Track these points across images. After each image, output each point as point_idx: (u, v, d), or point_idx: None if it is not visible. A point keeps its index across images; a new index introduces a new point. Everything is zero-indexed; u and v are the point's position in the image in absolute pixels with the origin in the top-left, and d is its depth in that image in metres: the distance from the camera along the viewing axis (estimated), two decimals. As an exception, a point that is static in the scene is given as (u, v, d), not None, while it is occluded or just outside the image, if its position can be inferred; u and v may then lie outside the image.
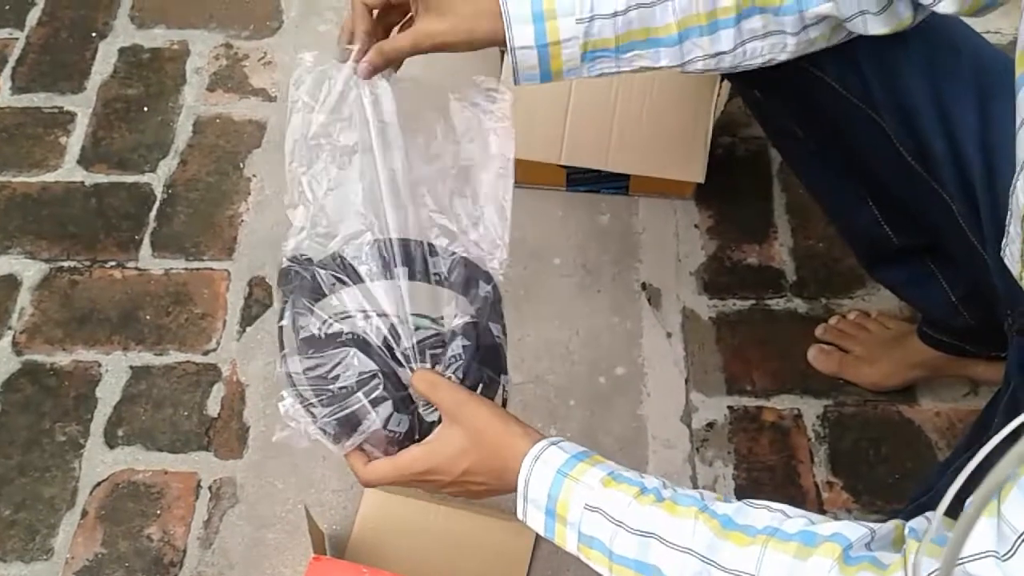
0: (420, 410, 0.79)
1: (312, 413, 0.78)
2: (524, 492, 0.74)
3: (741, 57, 0.86)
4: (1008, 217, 0.70)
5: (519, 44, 0.82)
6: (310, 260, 0.81)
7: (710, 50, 0.84)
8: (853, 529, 0.65)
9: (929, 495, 0.91)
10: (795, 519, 0.67)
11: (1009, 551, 0.52)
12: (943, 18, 0.83)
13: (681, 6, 0.82)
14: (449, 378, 0.79)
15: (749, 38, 0.84)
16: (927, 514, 0.65)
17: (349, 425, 0.78)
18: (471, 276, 0.83)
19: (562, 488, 0.72)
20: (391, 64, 0.84)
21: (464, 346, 0.80)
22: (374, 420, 0.77)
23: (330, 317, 0.78)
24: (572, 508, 0.71)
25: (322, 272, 0.80)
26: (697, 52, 0.85)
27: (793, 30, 0.84)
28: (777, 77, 0.91)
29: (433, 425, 0.79)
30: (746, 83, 1.08)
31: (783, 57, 0.87)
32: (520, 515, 0.76)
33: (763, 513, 0.68)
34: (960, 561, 0.54)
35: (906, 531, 0.65)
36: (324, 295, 0.79)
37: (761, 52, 0.86)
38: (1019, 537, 0.52)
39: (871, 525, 0.66)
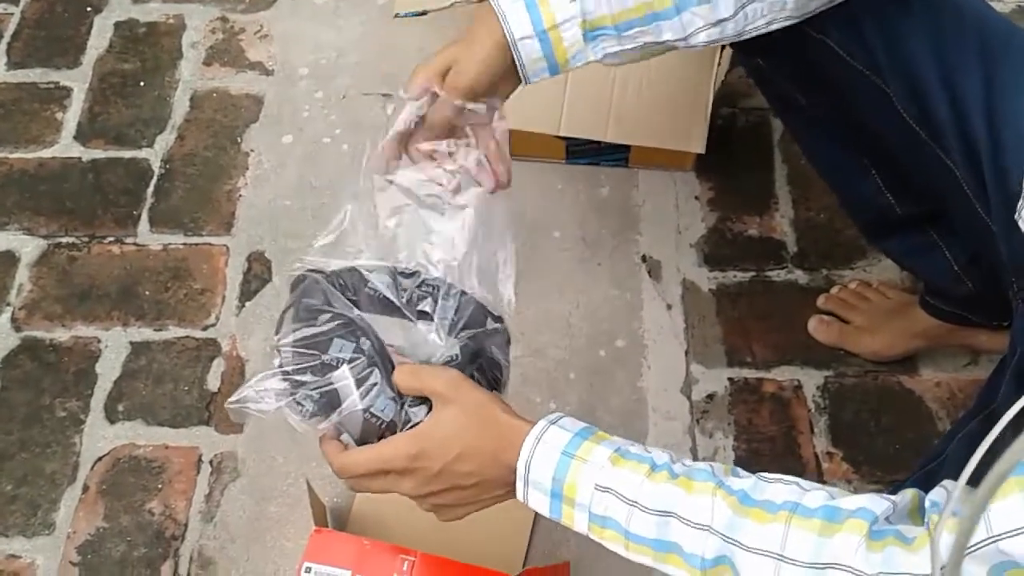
0: (407, 405, 0.75)
1: (294, 382, 0.74)
2: (524, 475, 0.72)
3: (743, 22, 0.84)
4: (1022, 178, 0.69)
5: (519, 34, 0.81)
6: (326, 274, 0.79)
7: (711, 18, 0.83)
8: (877, 503, 0.64)
9: (938, 461, 0.90)
10: (813, 492, 0.65)
11: None
12: None
13: None
14: None
15: (748, 0, 0.83)
16: (945, 483, 0.64)
17: (329, 403, 0.74)
18: (482, 314, 0.81)
19: (569, 469, 0.70)
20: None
21: (463, 348, 0.78)
22: (356, 401, 0.73)
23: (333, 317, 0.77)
24: (581, 489, 0.70)
25: (335, 285, 0.78)
26: (698, 22, 0.83)
27: None
28: (779, 43, 0.90)
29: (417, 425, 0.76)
30: (748, 51, 1.07)
31: (783, 17, 0.85)
32: (520, 497, 0.73)
33: (779, 487, 0.67)
34: (995, 538, 0.54)
35: (927, 504, 0.63)
36: (331, 307, 0.77)
37: (762, 13, 0.84)
38: None
39: (892, 497, 0.65)
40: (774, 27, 0.86)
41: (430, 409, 0.75)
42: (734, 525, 0.65)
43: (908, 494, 0.66)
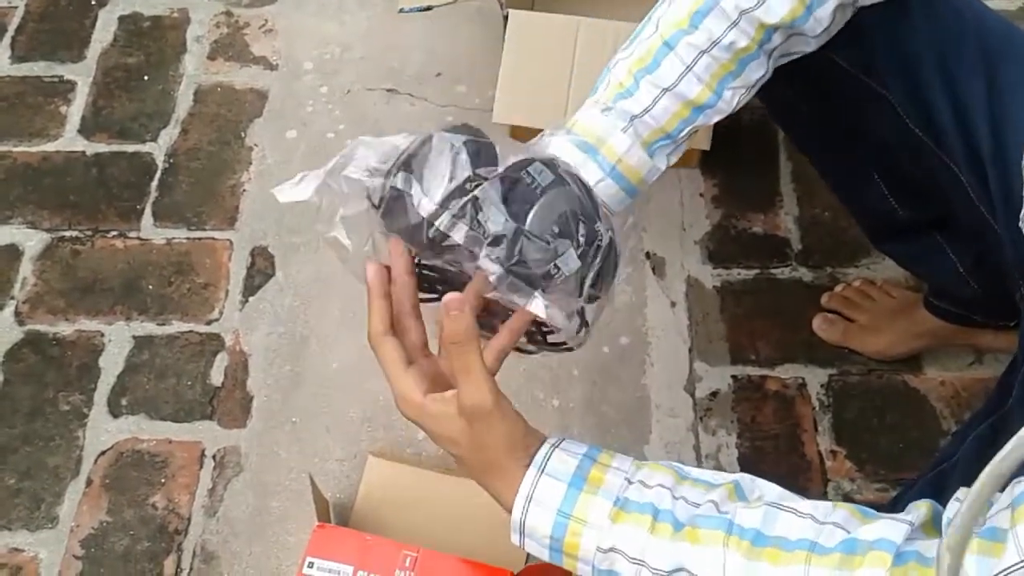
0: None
1: (480, 225, 0.63)
2: (520, 528, 0.68)
3: (771, 69, 0.86)
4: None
5: (593, 182, 0.79)
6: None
7: (748, 83, 0.84)
8: (895, 530, 0.61)
9: (950, 462, 0.90)
10: (829, 527, 0.63)
11: None
12: None
13: (704, 67, 0.82)
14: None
15: (773, 51, 0.84)
16: (959, 495, 0.61)
17: (541, 262, 0.63)
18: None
19: (567, 531, 0.66)
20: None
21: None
22: (572, 268, 0.64)
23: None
24: (583, 549, 0.66)
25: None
26: (740, 94, 0.85)
27: (812, 34, 0.84)
28: None
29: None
30: None
31: (809, 50, 0.86)
32: (515, 542, 0.70)
33: (792, 520, 0.63)
34: (1006, 570, 0.53)
35: (944, 521, 0.61)
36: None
37: (787, 57, 0.86)
38: None
39: (907, 518, 0.63)
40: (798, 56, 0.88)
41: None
42: (750, 573, 0.62)
43: (922, 508, 0.64)
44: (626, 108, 0.82)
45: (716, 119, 0.85)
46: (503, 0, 1.37)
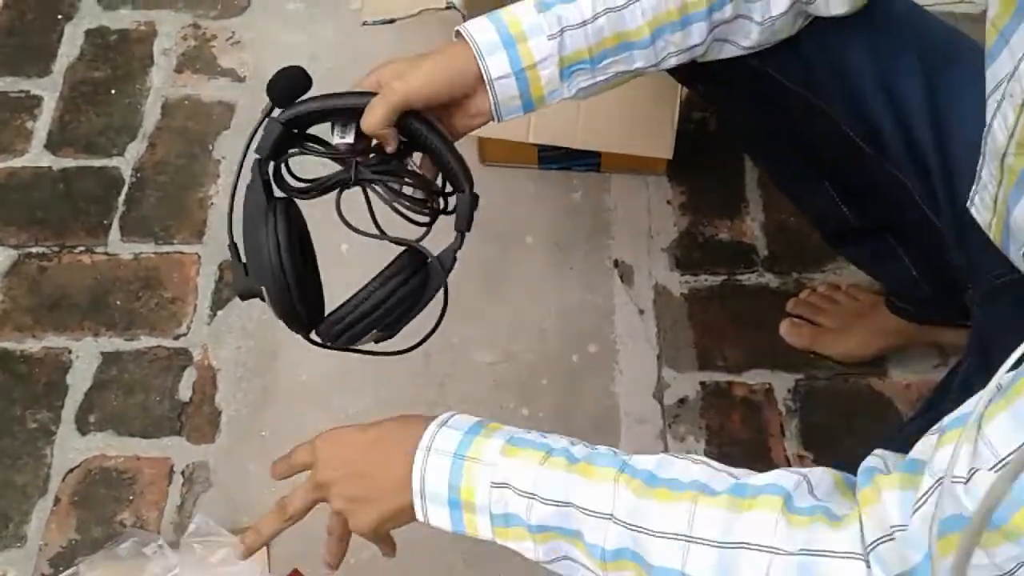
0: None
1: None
2: (421, 489, 0.70)
3: (713, 50, 0.86)
4: (980, 162, 0.70)
5: (496, 74, 0.78)
6: None
7: (683, 45, 0.83)
8: (786, 477, 0.63)
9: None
10: (720, 474, 0.65)
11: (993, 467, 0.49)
12: None
13: (650, 5, 0.80)
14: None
15: (719, 24, 0.83)
16: (877, 451, 0.63)
17: None
18: None
19: (463, 473, 0.68)
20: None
21: None
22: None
23: None
24: (478, 491, 0.68)
25: None
26: (671, 48, 0.83)
27: (760, 19, 0.83)
28: (718, 72, 0.90)
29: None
30: (688, 79, 1.08)
31: (746, 44, 0.86)
32: (420, 517, 0.71)
33: (687, 465, 0.65)
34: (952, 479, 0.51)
35: (860, 472, 0.61)
36: None
37: (728, 41, 0.85)
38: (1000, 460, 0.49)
39: (801, 471, 0.64)
40: (735, 54, 0.87)
41: None
42: (638, 510, 0.63)
43: (821, 470, 0.65)
44: (563, 14, 0.79)
45: (636, 67, 0.83)
46: (465, 12, 1.38)
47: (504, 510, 0.68)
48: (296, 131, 0.81)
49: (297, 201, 0.83)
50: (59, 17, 1.67)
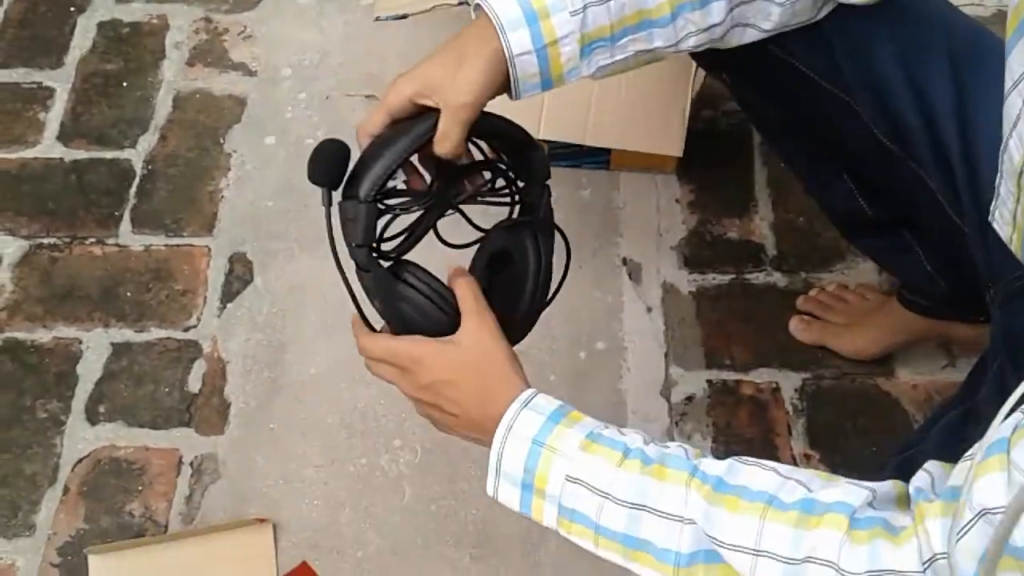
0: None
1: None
2: (497, 466, 0.72)
3: (734, 35, 0.85)
4: (998, 179, 0.69)
5: (517, 51, 0.77)
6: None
7: (702, 24, 0.82)
8: (855, 493, 0.63)
9: (916, 449, 0.91)
10: (790, 482, 0.65)
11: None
12: None
13: None
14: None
15: (738, 3, 0.82)
16: (927, 466, 0.63)
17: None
18: None
19: (539, 460, 0.69)
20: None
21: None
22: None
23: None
24: (551, 480, 0.69)
25: None
26: (690, 28, 0.82)
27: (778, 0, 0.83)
28: (744, 62, 0.90)
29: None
30: (712, 66, 1.07)
31: (767, 27, 0.85)
32: (490, 491, 0.73)
33: (756, 472, 0.66)
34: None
35: (911, 490, 0.62)
36: None
37: (748, 21, 0.84)
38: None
39: (870, 485, 0.64)
40: (757, 38, 0.86)
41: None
42: (709, 516, 0.64)
43: (890, 483, 0.65)
44: None
45: (656, 45, 0.82)
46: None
47: (573, 505, 0.69)
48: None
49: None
50: (72, 9, 1.68)
